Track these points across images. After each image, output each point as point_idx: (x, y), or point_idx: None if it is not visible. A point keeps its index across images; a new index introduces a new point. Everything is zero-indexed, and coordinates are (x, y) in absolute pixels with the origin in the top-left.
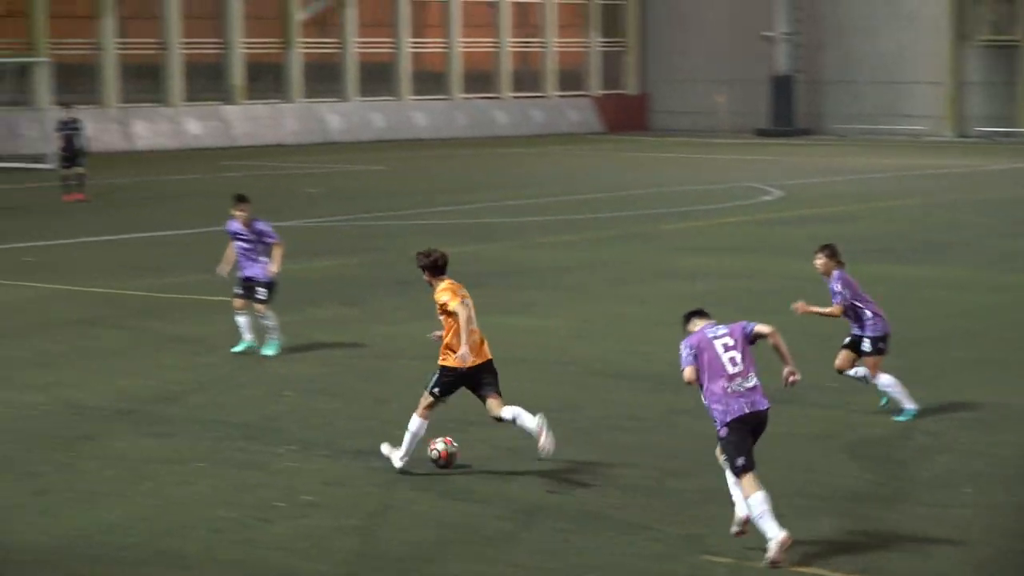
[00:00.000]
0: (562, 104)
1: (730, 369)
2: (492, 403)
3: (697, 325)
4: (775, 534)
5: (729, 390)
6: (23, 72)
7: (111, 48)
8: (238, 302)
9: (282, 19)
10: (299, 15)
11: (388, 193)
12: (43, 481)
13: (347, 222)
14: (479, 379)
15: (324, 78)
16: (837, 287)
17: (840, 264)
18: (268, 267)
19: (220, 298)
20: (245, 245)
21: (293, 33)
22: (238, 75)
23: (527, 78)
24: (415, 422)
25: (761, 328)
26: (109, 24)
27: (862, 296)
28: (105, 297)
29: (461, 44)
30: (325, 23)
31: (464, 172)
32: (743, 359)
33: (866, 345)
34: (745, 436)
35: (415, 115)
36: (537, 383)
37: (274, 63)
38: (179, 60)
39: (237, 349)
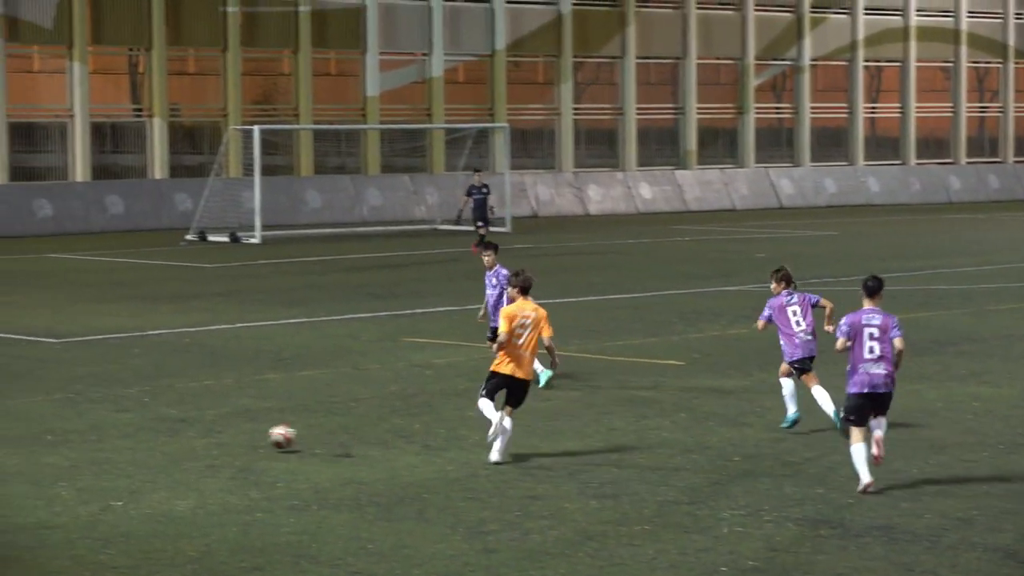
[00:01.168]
0: (1020, 170)
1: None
2: (507, 410)
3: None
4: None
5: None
6: (482, 137)
7: (568, 114)
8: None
9: (737, 85)
10: (754, 81)
11: (838, 258)
12: (492, 539)
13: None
14: (515, 390)
15: (777, 143)
16: None
17: None
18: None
19: (670, 361)
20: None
21: (748, 99)
22: (691, 140)
23: (984, 143)
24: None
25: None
26: (567, 90)
27: None
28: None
29: (917, 109)
30: (779, 88)
31: (915, 238)
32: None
33: None
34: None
35: (868, 180)
36: (996, 456)
37: (727, 128)
38: (634, 125)
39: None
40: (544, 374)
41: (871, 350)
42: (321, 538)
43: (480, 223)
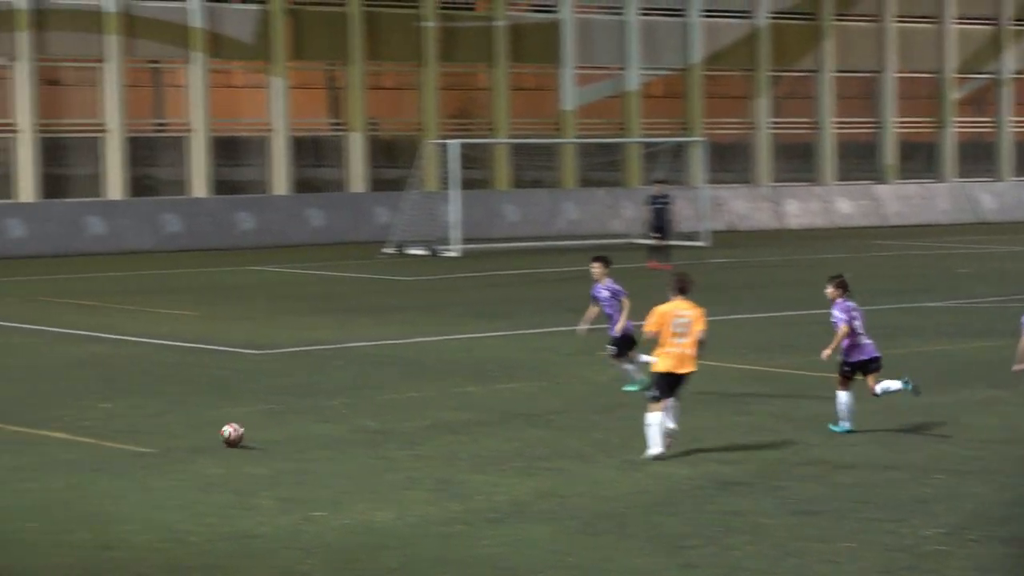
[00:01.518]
0: None
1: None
2: (670, 403)
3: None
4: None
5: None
6: (679, 152)
7: (764, 128)
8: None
9: (937, 98)
10: (955, 94)
11: None
12: (692, 554)
13: (998, 304)
14: (676, 385)
15: (978, 157)
16: None
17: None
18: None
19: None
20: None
21: (948, 112)
22: (890, 154)
23: None
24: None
25: None
26: (764, 104)
27: None
28: (754, 374)
29: None
30: (981, 102)
31: None
32: None
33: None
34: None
35: None
36: None
37: (927, 142)
38: (832, 139)
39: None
40: (638, 383)
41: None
42: (521, 551)
43: (657, 233)
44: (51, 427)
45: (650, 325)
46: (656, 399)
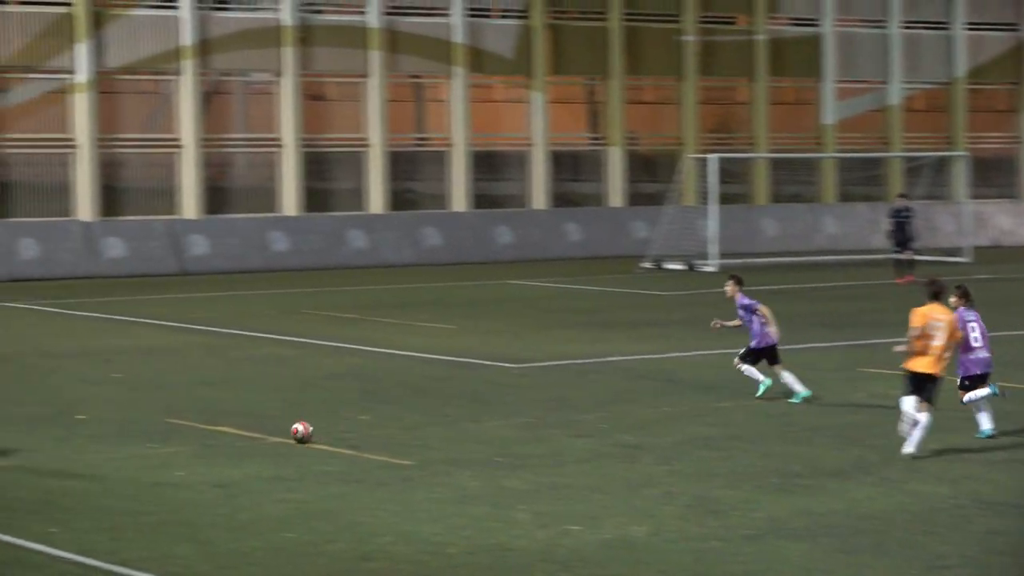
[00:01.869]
0: None
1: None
2: (922, 405)
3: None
4: None
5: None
6: (941, 166)
7: None
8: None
9: None
10: None
11: None
12: (950, 574)
13: None
14: (925, 386)
15: None
16: None
17: None
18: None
19: None
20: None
21: None
22: None
23: None
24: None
25: None
26: None
27: None
28: (1020, 393)
29: None
30: None
31: None
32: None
33: None
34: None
35: None
36: None
37: None
38: None
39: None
40: (801, 395)
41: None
42: (776, 568)
43: (900, 247)
44: (314, 438)
45: (915, 322)
46: (928, 400)
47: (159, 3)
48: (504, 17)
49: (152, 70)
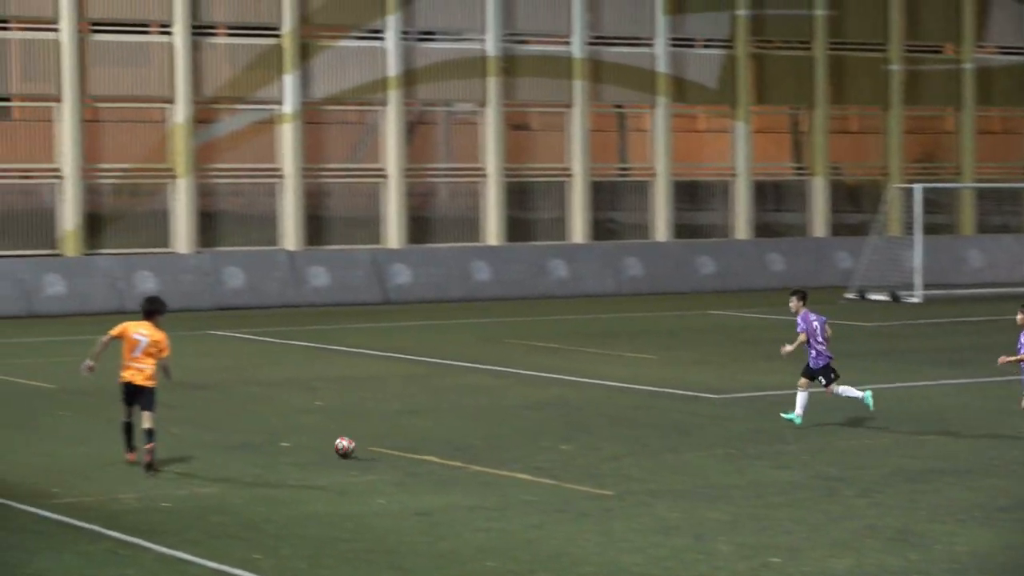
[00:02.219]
0: None
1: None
2: None
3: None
4: None
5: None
6: None
7: None
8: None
9: None
10: None
11: None
12: None
13: None
14: None
15: None
16: None
17: None
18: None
19: None
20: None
21: None
22: None
23: None
24: None
25: None
26: None
27: None
28: None
29: None
30: None
31: None
32: None
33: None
34: None
35: None
36: None
37: None
38: None
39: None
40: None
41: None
42: None
43: None
44: (513, 468)
45: None
46: None
47: (365, 34)
48: (708, 46)
49: (357, 100)
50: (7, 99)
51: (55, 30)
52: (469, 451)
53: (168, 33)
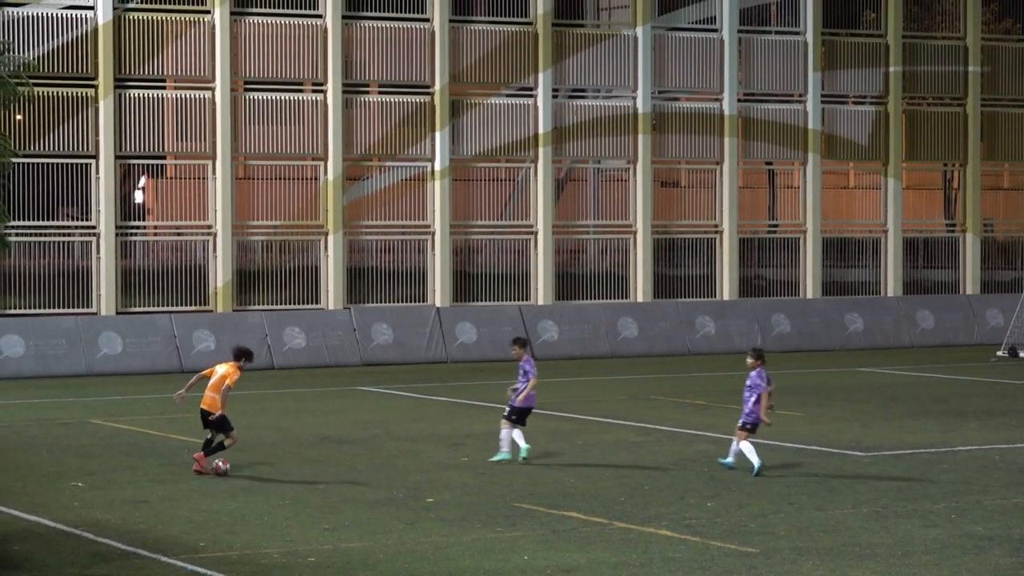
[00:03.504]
0: None
1: None
2: None
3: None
4: None
5: None
6: None
7: None
8: None
9: None
10: None
11: None
12: None
13: None
14: None
15: None
16: None
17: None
18: None
19: None
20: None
21: None
22: None
23: None
24: None
25: None
26: None
27: None
28: None
29: None
30: None
31: None
32: None
33: None
34: None
35: None
36: None
37: None
38: None
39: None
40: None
41: None
42: None
43: None
44: (657, 524)
45: None
46: None
47: (515, 92)
48: (859, 103)
49: (507, 157)
50: (162, 157)
51: (210, 88)
52: (613, 507)
53: (321, 91)
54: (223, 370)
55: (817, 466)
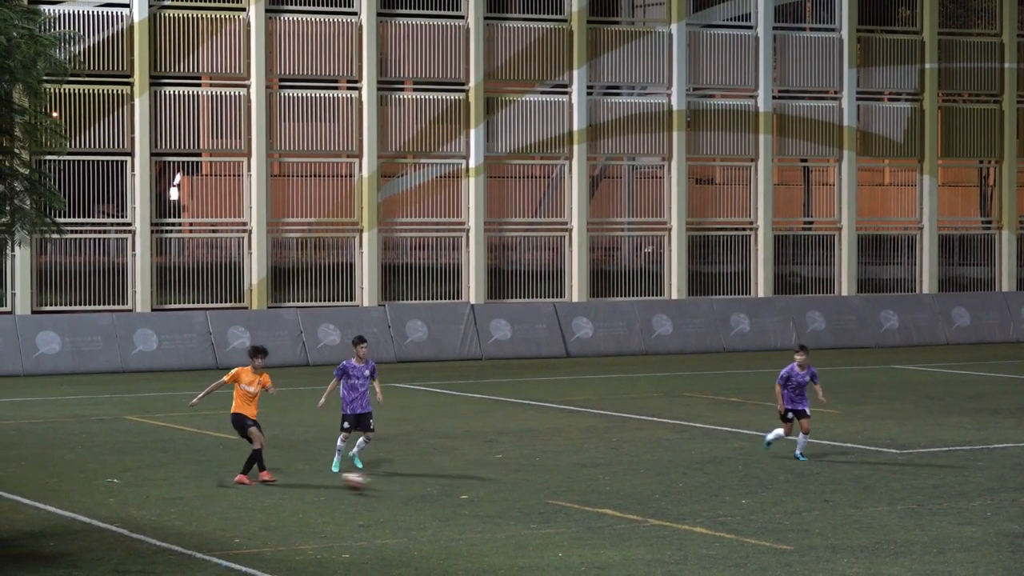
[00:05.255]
0: None
1: None
2: None
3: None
4: None
5: None
6: None
7: None
8: None
9: None
10: None
11: None
12: None
13: None
14: None
15: None
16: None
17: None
18: None
19: None
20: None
21: None
22: None
23: None
24: None
25: None
26: None
27: None
28: None
29: None
30: None
31: None
32: None
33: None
34: None
35: None
36: None
37: None
38: None
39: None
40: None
41: None
42: None
43: None
44: (692, 521)
45: None
46: None
47: (550, 89)
48: (894, 99)
49: (542, 154)
50: (197, 154)
51: (245, 86)
52: (648, 504)
53: (356, 88)
54: (245, 378)
55: (852, 464)
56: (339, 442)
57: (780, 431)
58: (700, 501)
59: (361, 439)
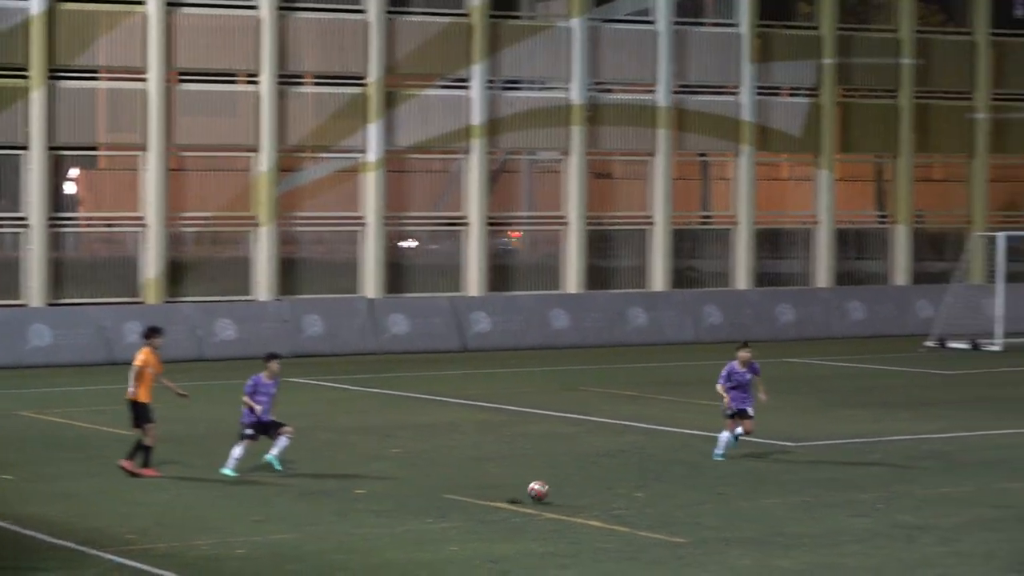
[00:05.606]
0: None
1: None
2: None
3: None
4: None
5: None
6: None
7: None
8: None
9: None
10: None
11: None
12: None
13: None
14: None
15: None
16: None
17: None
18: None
19: None
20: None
21: None
22: None
23: None
24: None
25: None
26: None
27: None
28: None
29: None
30: None
31: None
32: None
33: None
34: None
35: None
36: None
37: None
38: None
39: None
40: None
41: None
42: None
43: None
44: (586, 515)
45: None
46: None
47: (450, 83)
48: (793, 95)
49: (441, 149)
50: (94, 148)
51: (143, 80)
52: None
53: (255, 82)
54: (139, 358)
55: (747, 457)
56: (237, 450)
57: (724, 436)
58: (595, 495)
59: (283, 438)
